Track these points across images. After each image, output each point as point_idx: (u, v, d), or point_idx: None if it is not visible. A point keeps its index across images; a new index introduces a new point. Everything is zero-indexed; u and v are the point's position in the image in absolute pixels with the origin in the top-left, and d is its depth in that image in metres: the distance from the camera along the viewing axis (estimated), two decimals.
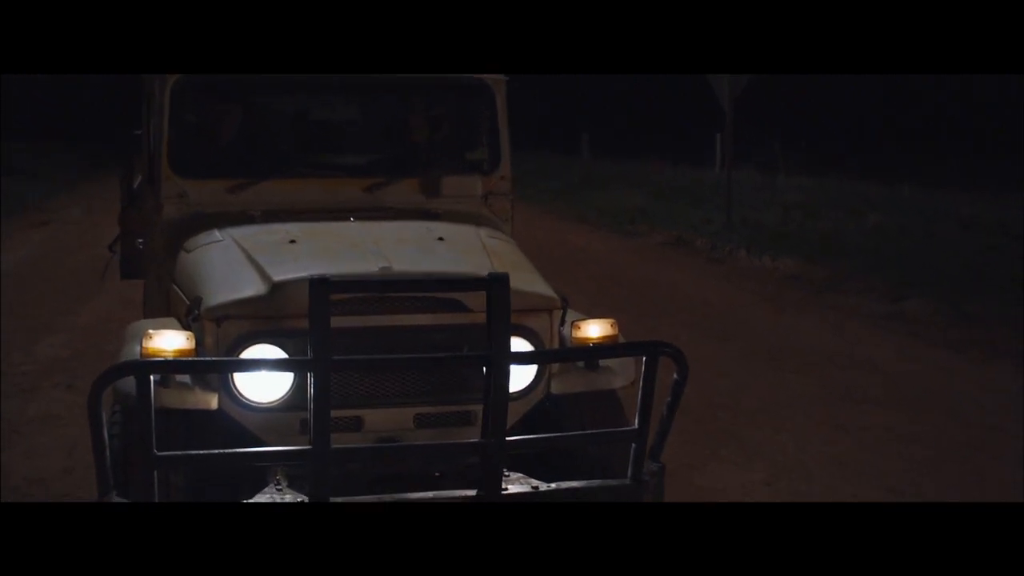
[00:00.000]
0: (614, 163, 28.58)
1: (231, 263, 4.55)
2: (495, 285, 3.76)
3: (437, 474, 4.37)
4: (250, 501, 3.82)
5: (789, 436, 7.47)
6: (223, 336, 4.19)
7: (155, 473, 3.63)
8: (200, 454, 3.82)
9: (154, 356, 3.99)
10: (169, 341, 4.01)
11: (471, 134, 5.82)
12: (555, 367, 4.49)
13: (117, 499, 3.71)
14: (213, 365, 4.10)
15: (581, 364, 4.51)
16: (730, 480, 6.64)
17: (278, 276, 4.28)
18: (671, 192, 21.78)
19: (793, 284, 13.79)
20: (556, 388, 4.47)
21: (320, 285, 3.62)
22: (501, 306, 3.76)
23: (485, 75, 5.56)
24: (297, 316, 3.98)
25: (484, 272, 4.07)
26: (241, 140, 5.55)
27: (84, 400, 3.61)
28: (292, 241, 4.58)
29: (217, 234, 4.87)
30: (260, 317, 4.20)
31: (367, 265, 4.41)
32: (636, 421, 4.01)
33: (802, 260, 14.69)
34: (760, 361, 9.68)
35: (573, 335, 4.47)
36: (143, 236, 6.16)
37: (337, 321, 3.81)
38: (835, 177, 22.35)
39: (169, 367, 3.89)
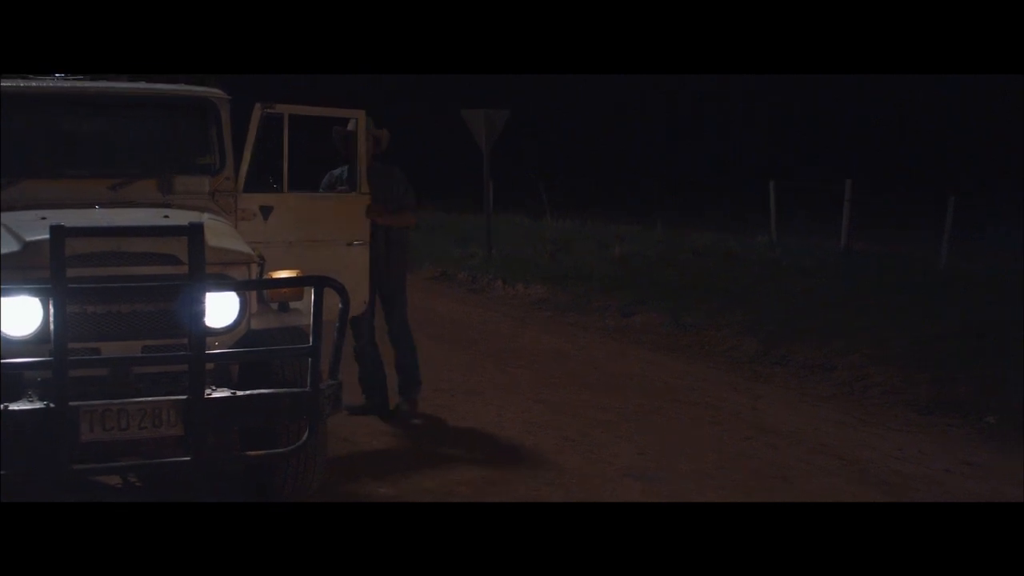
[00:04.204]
0: None
1: None
2: (193, 232, 4.98)
3: None
4: (12, 408, 4.94)
5: (494, 407, 8.82)
6: None
7: None
8: None
9: None
10: None
11: (200, 141, 6.96)
12: (254, 308, 5.70)
13: None
14: None
15: (275, 307, 5.74)
16: (444, 433, 7.96)
17: (29, 237, 5.38)
18: (441, 233, 23.24)
19: (541, 306, 15.18)
20: (255, 325, 5.68)
21: (57, 230, 4.79)
22: (198, 248, 4.98)
23: (210, 93, 6.81)
24: (46, 268, 5.07)
25: None
26: (4, 145, 6.57)
27: None
28: (43, 218, 5.66)
29: None
30: (14, 268, 5.28)
31: None
32: (310, 340, 5.26)
33: (551, 287, 16.08)
34: (491, 360, 10.98)
35: None
36: None
37: (79, 271, 4.99)
38: (596, 218, 24.08)
39: None
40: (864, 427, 8.37)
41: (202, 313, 5.06)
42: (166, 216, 5.96)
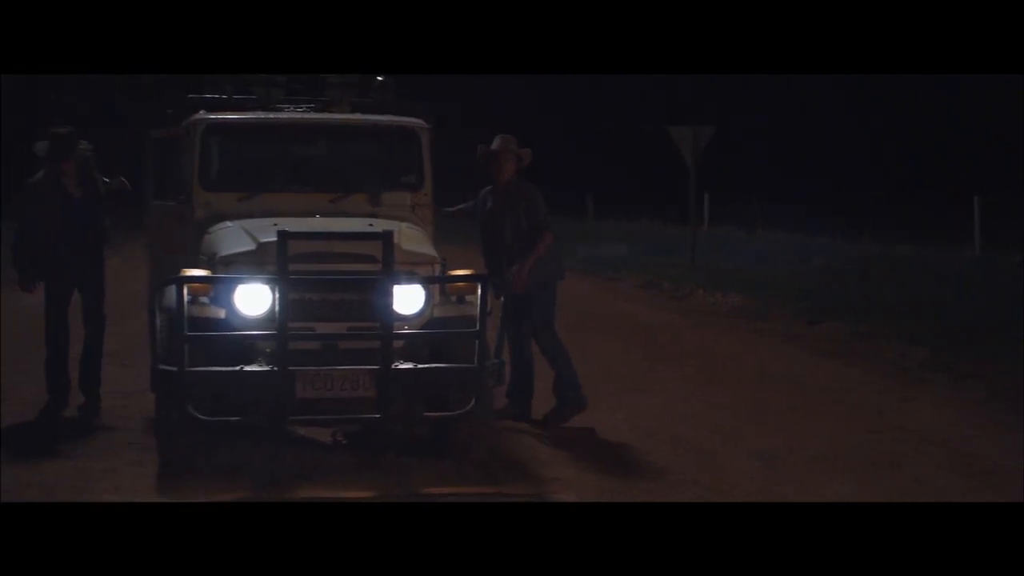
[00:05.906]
0: (616, 221, 31.34)
1: (235, 234, 7.25)
2: (385, 236, 6.44)
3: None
4: (247, 369, 6.50)
5: (655, 399, 9.91)
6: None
7: (185, 347, 6.28)
8: (212, 335, 6.48)
9: None
10: (196, 272, 6.75)
11: (404, 163, 8.46)
12: (437, 299, 7.10)
13: (164, 367, 6.36)
14: (219, 279, 6.76)
15: (454, 299, 7.12)
16: (596, 421, 9.02)
17: (263, 239, 6.96)
18: (652, 244, 24.47)
19: (734, 314, 16.10)
20: (437, 313, 7.11)
21: (283, 234, 6.39)
22: (389, 250, 6.45)
23: (414, 123, 8.26)
24: (274, 263, 6.62)
25: None
26: (246, 165, 8.25)
27: None
28: (274, 224, 7.19)
29: (228, 222, 7.56)
30: (251, 263, 6.86)
31: None
32: (477, 325, 6.64)
33: (747, 296, 17.02)
34: (668, 360, 12.08)
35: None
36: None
37: (300, 266, 6.52)
38: (805, 230, 24.72)
39: (194, 279, 6.62)
40: (995, 428, 9.01)
41: (391, 302, 6.53)
42: (370, 224, 7.43)
